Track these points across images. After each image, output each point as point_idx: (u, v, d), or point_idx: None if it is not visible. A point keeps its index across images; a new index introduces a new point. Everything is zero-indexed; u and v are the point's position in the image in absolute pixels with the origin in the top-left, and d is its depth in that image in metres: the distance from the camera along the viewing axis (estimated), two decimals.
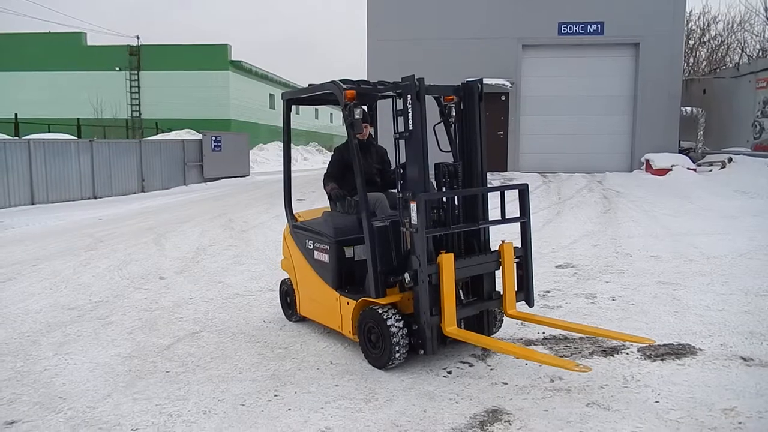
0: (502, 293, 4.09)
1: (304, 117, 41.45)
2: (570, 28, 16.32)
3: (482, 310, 4.10)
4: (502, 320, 4.41)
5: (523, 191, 4.20)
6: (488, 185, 4.24)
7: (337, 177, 4.82)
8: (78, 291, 6.15)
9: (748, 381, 3.57)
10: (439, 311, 3.72)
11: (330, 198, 4.83)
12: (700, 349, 4.11)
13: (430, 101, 4.03)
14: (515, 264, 4.12)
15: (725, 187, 12.59)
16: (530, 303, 4.25)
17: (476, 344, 3.83)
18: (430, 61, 14.90)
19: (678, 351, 4.09)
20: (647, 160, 15.60)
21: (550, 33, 16.33)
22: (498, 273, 4.13)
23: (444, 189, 4.11)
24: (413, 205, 3.75)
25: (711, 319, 4.73)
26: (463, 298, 4.02)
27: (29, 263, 7.52)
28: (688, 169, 14.72)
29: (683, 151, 16.77)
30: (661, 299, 5.34)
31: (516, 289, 4.15)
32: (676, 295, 5.46)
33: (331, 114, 52.12)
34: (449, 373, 3.82)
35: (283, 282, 5.15)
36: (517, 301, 4.16)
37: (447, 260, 3.71)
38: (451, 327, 3.72)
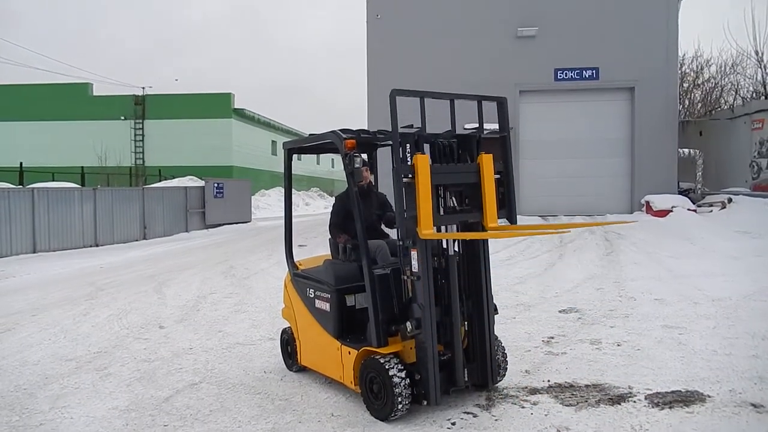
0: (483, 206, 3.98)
1: (305, 162, 41.87)
2: (566, 74, 16.67)
3: (481, 326, 4.03)
4: (506, 369, 4.36)
5: (502, 104, 4.20)
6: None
7: (341, 225, 4.81)
8: (77, 341, 6.09)
9: (760, 428, 3.50)
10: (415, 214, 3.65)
11: (344, 251, 4.71)
12: (709, 396, 4.03)
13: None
14: (496, 180, 4.07)
15: (726, 228, 12.58)
16: (512, 221, 4.17)
17: (458, 238, 3.86)
18: (429, 107, 15.12)
19: (686, 398, 4.01)
20: (647, 202, 15.65)
21: (546, 79, 16.68)
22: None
23: None
24: (414, 253, 3.75)
25: (718, 364, 4.65)
26: (454, 205, 3.97)
27: (29, 313, 7.47)
28: (689, 210, 14.74)
29: (683, 192, 16.84)
30: (667, 344, 5.27)
31: (499, 207, 4.06)
32: (681, 339, 5.39)
33: (333, 159, 52.53)
34: (453, 424, 3.73)
35: (283, 331, 5.11)
36: (499, 218, 4.05)
37: (422, 161, 3.68)
38: (427, 230, 3.65)
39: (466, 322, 4.07)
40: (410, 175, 3.71)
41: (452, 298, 3.92)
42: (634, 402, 3.97)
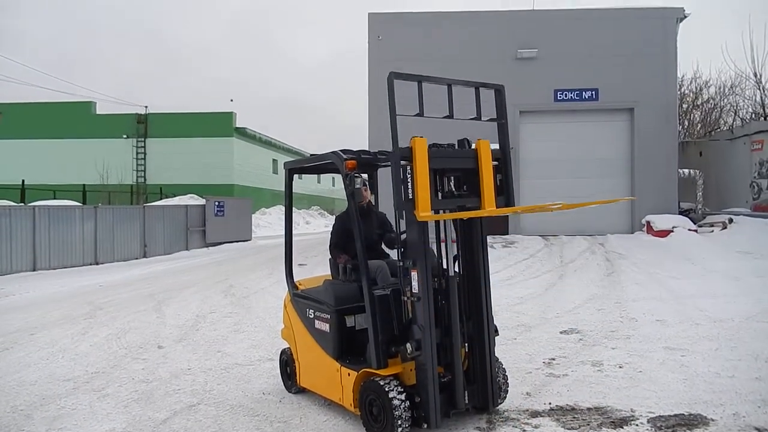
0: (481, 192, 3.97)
1: (306, 181, 41.96)
2: (565, 95, 16.79)
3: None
4: (507, 391, 4.31)
5: (500, 91, 4.22)
6: (488, 248, 4.23)
7: (342, 246, 4.80)
8: (75, 361, 6.05)
9: None
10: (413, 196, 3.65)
11: (344, 271, 4.67)
12: (712, 420, 3.99)
13: None
14: (494, 167, 4.06)
15: (727, 248, 12.56)
16: (511, 206, 4.17)
17: (455, 218, 3.92)
18: (430, 128, 15.21)
19: (689, 422, 3.97)
20: (648, 222, 15.65)
21: (546, 100, 16.80)
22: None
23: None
24: (414, 274, 3.74)
25: (721, 387, 4.61)
26: (452, 189, 3.98)
27: (27, 332, 7.43)
28: (689, 230, 14.73)
29: (683, 213, 16.84)
30: (669, 366, 5.23)
31: (497, 195, 4.05)
32: (684, 361, 5.35)
33: (333, 178, 52.69)
34: None
35: (283, 351, 5.07)
36: (497, 205, 4.04)
37: (420, 144, 3.69)
38: (425, 212, 3.63)
39: (466, 344, 4.04)
40: (408, 158, 3.72)
41: (452, 319, 3.90)
42: (637, 425, 3.93)
